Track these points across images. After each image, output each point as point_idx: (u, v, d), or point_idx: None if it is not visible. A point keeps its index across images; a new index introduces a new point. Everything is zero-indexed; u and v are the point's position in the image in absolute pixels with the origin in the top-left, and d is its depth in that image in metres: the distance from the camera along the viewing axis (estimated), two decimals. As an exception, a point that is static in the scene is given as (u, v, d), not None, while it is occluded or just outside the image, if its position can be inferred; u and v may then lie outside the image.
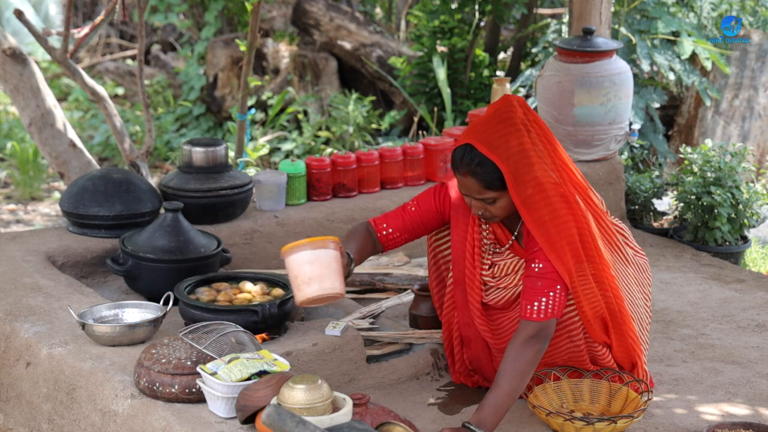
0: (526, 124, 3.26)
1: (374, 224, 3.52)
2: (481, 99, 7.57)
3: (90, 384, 3.22)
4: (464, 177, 3.24)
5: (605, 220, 3.42)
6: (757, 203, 5.11)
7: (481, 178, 3.21)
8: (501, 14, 7.65)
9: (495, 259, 3.40)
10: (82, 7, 10.85)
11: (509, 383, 3.11)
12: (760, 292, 4.51)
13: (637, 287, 3.49)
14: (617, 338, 3.37)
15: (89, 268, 4.22)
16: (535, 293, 3.19)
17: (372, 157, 4.85)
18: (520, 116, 3.25)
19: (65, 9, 5.78)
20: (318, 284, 3.09)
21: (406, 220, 3.50)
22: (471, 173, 3.21)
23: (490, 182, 3.21)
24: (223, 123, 8.49)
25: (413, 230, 3.52)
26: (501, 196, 3.24)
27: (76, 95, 9.41)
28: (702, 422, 3.30)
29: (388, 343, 3.72)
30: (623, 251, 3.45)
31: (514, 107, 3.27)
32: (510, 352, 3.15)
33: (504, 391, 3.11)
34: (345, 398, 2.94)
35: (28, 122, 5.06)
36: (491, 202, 3.25)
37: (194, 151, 4.45)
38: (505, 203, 3.26)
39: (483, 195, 3.24)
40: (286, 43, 8.60)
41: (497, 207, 3.26)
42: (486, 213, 3.29)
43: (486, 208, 3.28)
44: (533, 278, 3.22)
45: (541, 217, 3.21)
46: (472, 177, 3.21)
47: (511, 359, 3.14)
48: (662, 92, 6.38)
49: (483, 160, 3.19)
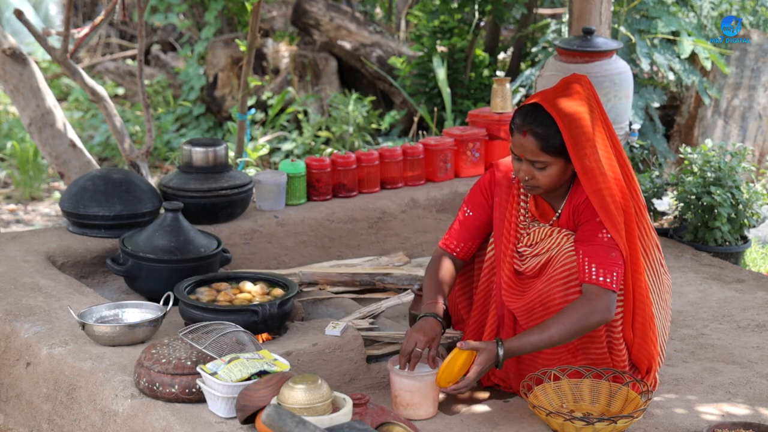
0: (591, 104, 3.29)
1: (447, 248, 3.54)
2: (481, 99, 7.57)
3: (90, 384, 3.22)
4: (523, 136, 3.24)
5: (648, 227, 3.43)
6: (757, 203, 5.11)
7: (541, 139, 3.21)
8: (501, 14, 7.65)
9: (530, 229, 3.40)
10: (82, 7, 10.85)
11: (557, 333, 3.15)
12: (760, 292, 4.51)
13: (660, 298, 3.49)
14: (640, 340, 3.37)
15: (89, 268, 4.22)
16: (611, 263, 3.19)
17: (372, 157, 4.85)
18: (587, 93, 3.29)
19: (65, 9, 5.78)
20: (413, 411, 3.30)
21: (470, 228, 3.52)
22: (531, 132, 3.22)
23: (547, 145, 3.21)
24: (223, 123, 8.49)
25: (478, 233, 3.54)
26: (553, 162, 3.24)
27: (76, 95, 9.41)
28: (702, 422, 3.30)
29: (388, 343, 3.72)
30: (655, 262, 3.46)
31: (582, 84, 3.31)
32: (580, 308, 3.16)
33: (546, 336, 3.15)
34: (345, 398, 2.94)
35: (28, 122, 5.06)
36: (541, 168, 3.25)
37: (194, 151, 4.45)
38: (554, 172, 3.25)
39: (537, 157, 3.23)
40: (286, 43, 8.60)
41: (545, 174, 3.25)
42: (531, 180, 3.28)
43: (533, 174, 3.27)
44: (606, 247, 3.21)
45: (600, 190, 3.22)
46: (532, 136, 3.22)
47: (578, 315, 3.15)
48: (662, 92, 6.38)
49: (548, 121, 3.21)
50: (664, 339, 3.53)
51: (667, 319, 3.55)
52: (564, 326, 3.16)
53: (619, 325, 3.35)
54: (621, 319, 3.34)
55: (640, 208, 3.38)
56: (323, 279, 4.21)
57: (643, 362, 3.41)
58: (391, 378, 3.33)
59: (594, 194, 3.23)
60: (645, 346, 3.38)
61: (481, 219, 3.52)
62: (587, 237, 3.25)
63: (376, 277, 4.26)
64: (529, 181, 3.29)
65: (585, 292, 3.21)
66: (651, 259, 3.42)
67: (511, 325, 3.44)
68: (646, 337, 3.37)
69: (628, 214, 3.28)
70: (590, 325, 3.18)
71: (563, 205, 3.36)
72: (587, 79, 3.36)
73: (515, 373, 3.46)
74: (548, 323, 3.18)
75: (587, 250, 3.23)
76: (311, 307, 4.05)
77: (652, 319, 3.36)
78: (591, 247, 3.23)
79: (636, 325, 3.36)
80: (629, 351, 3.40)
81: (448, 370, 3.19)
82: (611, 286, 3.19)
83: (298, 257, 4.52)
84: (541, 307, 3.30)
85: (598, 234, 3.23)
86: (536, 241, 3.37)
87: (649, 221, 3.43)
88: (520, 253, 3.39)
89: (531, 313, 3.33)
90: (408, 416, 3.28)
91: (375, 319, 3.89)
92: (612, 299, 3.20)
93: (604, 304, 3.18)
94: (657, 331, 3.41)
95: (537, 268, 3.35)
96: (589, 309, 3.17)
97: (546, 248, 3.34)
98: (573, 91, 3.28)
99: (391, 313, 4.03)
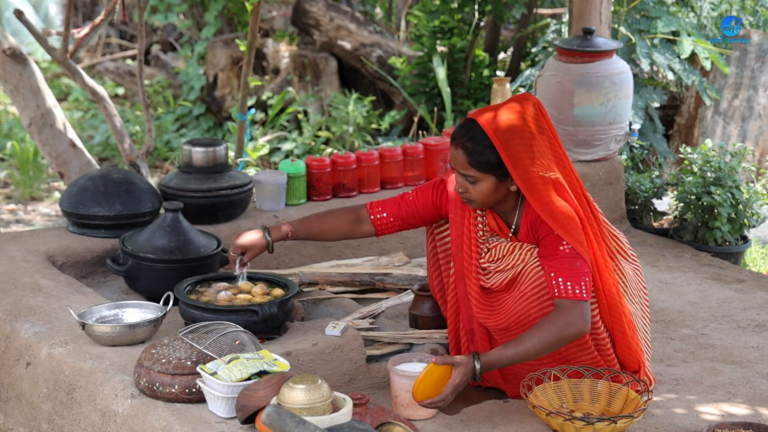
0: (539, 124, 3.29)
1: (370, 207, 3.62)
2: (481, 99, 7.57)
3: (90, 384, 3.22)
4: (455, 149, 3.29)
5: (603, 226, 3.43)
6: (757, 203, 5.11)
7: (469, 154, 3.25)
8: (501, 14, 7.65)
9: (490, 245, 3.41)
10: (82, 7, 10.85)
11: (533, 347, 3.15)
12: (760, 292, 4.51)
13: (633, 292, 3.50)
14: (620, 340, 3.38)
15: (89, 268, 4.21)
16: (578, 273, 3.19)
17: (372, 157, 4.85)
18: (531, 114, 3.29)
19: (65, 9, 5.78)
20: (413, 411, 3.30)
21: (402, 207, 3.58)
22: (462, 146, 3.26)
23: (476, 161, 3.25)
24: (223, 123, 8.49)
25: (407, 218, 3.59)
26: (483, 178, 3.27)
27: (76, 95, 9.41)
28: (702, 422, 3.30)
29: (388, 343, 3.72)
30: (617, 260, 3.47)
31: (526, 102, 3.32)
32: (556, 322, 3.16)
33: (522, 350, 3.15)
34: (345, 398, 2.94)
35: (28, 122, 5.06)
36: (472, 182, 3.29)
37: (194, 151, 4.45)
38: (484, 188, 3.28)
39: (466, 171, 3.28)
40: (286, 43, 8.60)
41: (476, 189, 3.29)
42: (466, 194, 3.33)
43: (467, 188, 3.31)
44: (569, 259, 3.21)
45: (547, 204, 3.22)
46: (462, 150, 3.26)
47: (554, 329, 3.15)
48: (662, 92, 6.38)
49: (480, 137, 3.24)
50: (646, 331, 3.54)
51: (643, 304, 3.55)
52: (540, 340, 3.16)
53: (601, 327, 3.36)
54: (600, 322, 3.36)
55: (589, 206, 3.38)
56: (323, 279, 4.21)
57: (630, 361, 3.42)
58: (391, 378, 3.33)
59: (542, 209, 3.24)
60: (627, 344, 3.39)
61: (417, 210, 3.57)
62: (549, 252, 3.26)
63: (376, 277, 4.26)
64: (464, 194, 3.34)
65: (558, 306, 3.22)
66: (610, 251, 3.43)
67: (485, 338, 3.46)
68: (626, 336, 3.38)
69: (581, 218, 3.27)
70: (567, 338, 3.19)
71: (517, 219, 3.38)
72: (534, 98, 3.36)
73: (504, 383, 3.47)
74: (524, 337, 3.18)
75: (552, 264, 3.24)
76: (311, 307, 4.05)
77: (628, 317, 3.38)
78: (555, 261, 3.23)
79: (614, 328, 3.37)
80: (615, 352, 3.41)
81: (424, 383, 3.17)
82: (582, 296, 3.20)
83: (298, 257, 4.52)
84: (518, 325, 3.33)
85: (559, 246, 3.24)
86: (498, 257, 3.38)
87: (597, 211, 3.42)
88: (483, 268, 3.40)
89: (508, 331, 3.36)
90: (408, 416, 3.28)
91: (375, 319, 3.89)
92: (586, 309, 3.20)
93: (579, 315, 3.19)
94: (636, 326, 3.41)
95: (504, 284, 3.36)
96: (565, 322, 3.17)
97: (511, 264, 3.35)
98: (513, 110, 3.28)
99: (391, 313, 4.03)
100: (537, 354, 3.18)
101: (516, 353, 3.17)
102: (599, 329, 3.36)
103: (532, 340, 3.16)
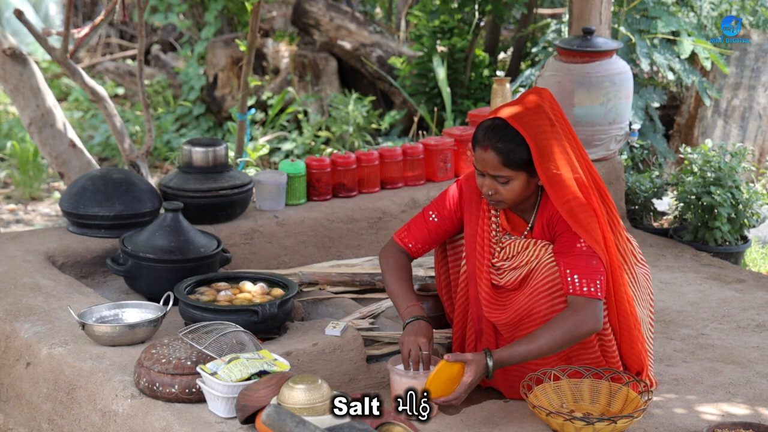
0: (551, 114, 3.29)
1: (401, 242, 3.56)
2: (481, 99, 7.57)
3: (90, 384, 3.22)
4: (485, 151, 3.23)
5: (620, 227, 3.43)
6: (757, 203, 5.11)
7: (502, 154, 3.21)
8: (501, 14, 7.65)
9: (503, 243, 3.40)
10: (82, 7, 10.85)
11: (546, 344, 3.14)
12: (760, 292, 4.51)
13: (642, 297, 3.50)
14: (627, 342, 3.38)
15: (89, 268, 4.22)
16: (593, 272, 3.19)
17: (372, 157, 4.85)
18: (548, 105, 3.30)
19: (65, 9, 5.78)
20: None
21: (431, 231, 3.53)
22: (493, 147, 3.21)
23: (509, 159, 3.21)
24: (223, 123, 8.49)
25: (437, 239, 3.56)
26: (515, 177, 3.24)
27: (76, 95, 9.41)
28: (702, 422, 3.30)
29: (388, 343, 3.72)
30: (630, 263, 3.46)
31: (542, 96, 3.31)
32: (569, 319, 3.16)
33: (535, 347, 3.15)
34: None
35: (28, 122, 5.06)
36: (504, 182, 3.24)
37: (194, 151, 4.45)
38: (517, 186, 3.25)
39: (499, 172, 3.23)
40: (286, 43, 8.60)
41: (508, 189, 3.25)
42: (495, 195, 3.28)
43: (497, 189, 3.27)
44: (586, 257, 3.21)
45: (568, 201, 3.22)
46: (494, 151, 3.21)
47: (567, 326, 3.15)
48: (662, 92, 6.38)
49: (509, 135, 3.20)
50: (650, 334, 3.53)
51: (649, 310, 3.55)
52: (553, 337, 3.16)
53: (608, 327, 3.36)
54: (608, 323, 3.36)
55: (608, 206, 3.39)
56: (323, 279, 4.21)
57: (633, 363, 3.42)
58: (391, 378, 3.33)
59: (563, 206, 3.23)
60: (632, 346, 3.39)
61: (444, 227, 3.53)
62: (566, 248, 3.25)
63: (376, 277, 4.26)
64: (492, 196, 3.29)
65: (571, 303, 3.21)
66: (625, 254, 3.43)
67: (492, 338, 3.45)
68: (632, 338, 3.38)
69: (599, 217, 3.27)
70: (580, 336, 3.18)
71: (534, 217, 3.37)
72: (548, 91, 3.35)
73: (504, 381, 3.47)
74: (537, 334, 3.17)
75: (568, 261, 3.23)
76: (311, 307, 4.05)
77: (636, 321, 3.38)
78: (571, 258, 3.23)
79: (622, 329, 3.37)
80: (619, 353, 3.41)
81: (437, 381, 3.16)
82: (597, 295, 3.20)
83: (298, 257, 4.52)
84: (528, 320, 3.32)
85: (576, 244, 3.23)
86: (513, 254, 3.37)
87: (617, 215, 3.42)
88: (496, 267, 3.39)
89: (516, 327, 3.35)
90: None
91: (375, 319, 3.89)
92: (599, 308, 3.20)
93: (593, 313, 3.18)
94: (642, 329, 3.42)
95: (517, 281, 3.35)
96: (578, 320, 3.17)
97: (525, 261, 3.34)
98: (533, 104, 3.28)
99: (391, 313, 4.03)
100: (549, 351, 3.17)
101: (528, 350, 3.16)
102: (606, 329, 3.35)
103: (544, 337, 3.15)
